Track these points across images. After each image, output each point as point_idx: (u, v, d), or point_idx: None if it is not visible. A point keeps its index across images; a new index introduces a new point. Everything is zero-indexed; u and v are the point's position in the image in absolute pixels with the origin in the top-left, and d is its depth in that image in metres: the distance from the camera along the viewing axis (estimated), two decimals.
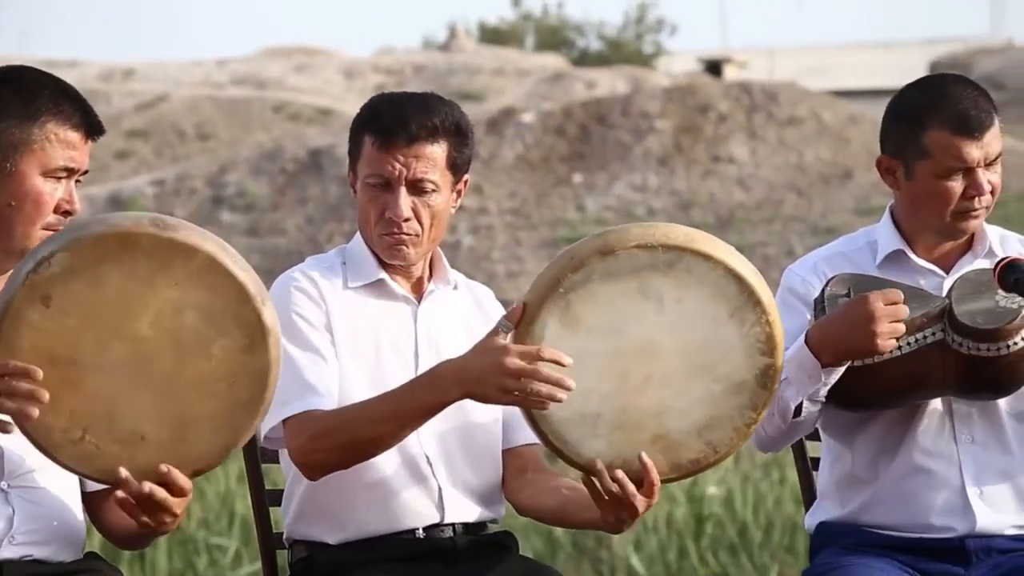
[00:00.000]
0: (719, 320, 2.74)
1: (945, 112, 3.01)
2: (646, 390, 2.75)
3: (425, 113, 2.96)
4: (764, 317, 2.74)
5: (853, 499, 3.12)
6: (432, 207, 2.99)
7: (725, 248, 2.75)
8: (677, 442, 2.78)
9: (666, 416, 2.77)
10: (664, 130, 19.72)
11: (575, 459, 2.79)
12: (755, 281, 2.75)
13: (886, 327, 2.89)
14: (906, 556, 3.06)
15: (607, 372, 2.74)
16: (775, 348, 2.76)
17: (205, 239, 2.56)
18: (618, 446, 2.77)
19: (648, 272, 2.71)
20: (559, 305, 2.71)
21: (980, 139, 3.02)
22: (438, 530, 3.00)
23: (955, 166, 3.02)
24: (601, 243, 2.71)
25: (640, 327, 2.73)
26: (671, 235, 2.72)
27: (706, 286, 2.72)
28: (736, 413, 2.78)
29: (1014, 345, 2.93)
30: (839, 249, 3.18)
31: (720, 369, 2.75)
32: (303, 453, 2.89)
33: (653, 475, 2.77)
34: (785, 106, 19.94)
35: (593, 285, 2.71)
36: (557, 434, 2.77)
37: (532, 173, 19.56)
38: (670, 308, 2.73)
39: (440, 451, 3.01)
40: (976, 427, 3.07)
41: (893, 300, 2.90)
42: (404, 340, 3.02)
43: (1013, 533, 3.07)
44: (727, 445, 2.79)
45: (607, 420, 2.76)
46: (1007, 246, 3.14)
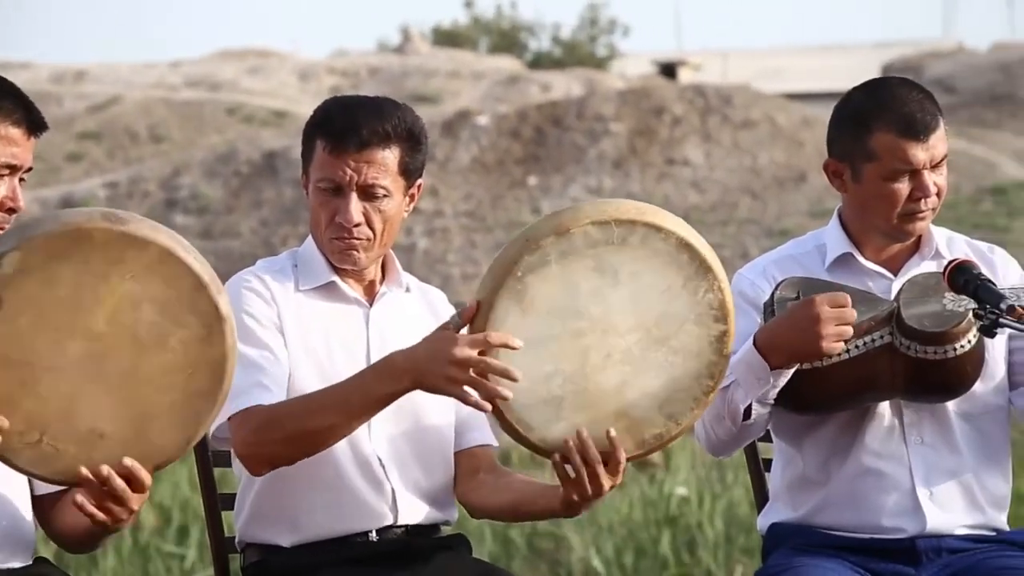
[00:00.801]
0: (673, 290, 2.76)
1: (891, 115, 3.03)
2: (606, 368, 2.76)
3: (377, 118, 2.96)
4: (716, 283, 2.77)
5: (805, 501, 3.13)
6: (384, 212, 2.99)
7: (675, 219, 2.78)
8: (640, 418, 2.80)
9: (628, 393, 2.78)
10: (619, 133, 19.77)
11: (540, 444, 2.79)
12: (705, 249, 2.77)
13: (832, 330, 2.91)
14: (857, 557, 3.08)
15: (567, 353, 2.75)
16: (727, 314, 2.78)
17: (157, 231, 2.55)
18: (582, 427, 2.77)
19: (603, 248, 2.73)
20: (516, 289, 2.72)
21: (926, 141, 3.04)
22: (391, 532, 3.00)
23: (901, 168, 3.04)
24: (555, 223, 2.72)
25: (597, 304, 2.74)
26: (623, 210, 2.74)
27: (659, 257, 2.75)
28: (695, 383, 2.80)
29: (960, 348, 2.95)
30: (788, 252, 3.20)
31: (677, 340, 2.77)
32: (247, 445, 2.87)
33: (620, 453, 2.77)
34: (739, 109, 20.03)
35: (549, 266, 2.72)
36: (521, 420, 2.77)
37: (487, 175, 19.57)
38: (625, 282, 2.74)
39: (393, 453, 3.00)
40: (925, 429, 3.09)
41: (840, 303, 2.92)
42: (356, 343, 3.02)
43: (963, 533, 3.10)
44: (688, 416, 2.81)
45: (570, 402, 2.77)
46: (954, 248, 3.16)
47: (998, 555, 3.08)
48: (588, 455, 2.76)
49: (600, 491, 2.79)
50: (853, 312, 2.93)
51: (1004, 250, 3.25)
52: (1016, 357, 3.13)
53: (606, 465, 2.77)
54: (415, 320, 3.06)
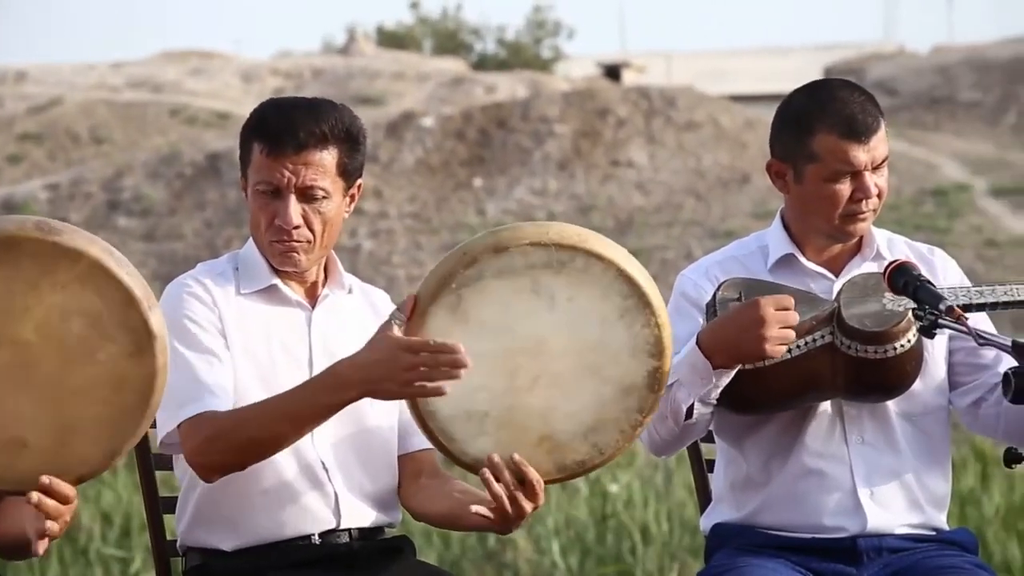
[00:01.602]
0: (609, 321, 2.75)
1: (833, 117, 3.05)
2: (535, 389, 2.76)
3: (314, 120, 2.94)
4: (653, 319, 2.76)
5: (747, 501, 3.15)
6: (323, 214, 2.98)
7: (617, 249, 2.77)
8: (563, 443, 2.79)
9: (553, 417, 2.78)
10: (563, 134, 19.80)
11: (461, 457, 2.80)
12: (645, 283, 2.76)
13: (776, 332, 2.92)
14: (799, 556, 3.09)
15: (496, 370, 2.74)
16: (663, 351, 2.77)
17: (91, 243, 2.53)
18: (504, 445, 2.77)
19: (541, 270, 2.72)
20: (450, 300, 2.71)
21: (867, 143, 3.06)
22: (334, 535, 2.99)
23: (843, 169, 3.06)
24: (494, 240, 2.72)
25: (531, 325, 2.74)
26: (564, 234, 2.73)
27: (598, 286, 2.74)
28: (623, 415, 2.79)
29: (900, 347, 2.98)
30: (731, 254, 3.21)
31: (609, 370, 2.77)
32: (198, 454, 2.86)
33: (531, 474, 2.78)
34: (683, 111, 20.10)
35: (485, 282, 2.71)
36: (444, 431, 2.77)
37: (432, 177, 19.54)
38: (561, 307, 2.74)
39: (336, 457, 3.00)
40: (866, 428, 3.11)
41: (784, 305, 2.94)
42: (298, 346, 3.01)
43: (903, 532, 3.11)
44: (613, 447, 2.80)
45: (494, 418, 2.77)
46: (894, 249, 3.18)
47: (938, 554, 3.10)
48: (502, 478, 2.77)
49: (521, 513, 2.79)
50: (796, 315, 2.95)
51: (943, 251, 3.27)
52: (956, 358, 3.15)
53: (523, 486, 2.78)
54: (358, 322, 3.05)
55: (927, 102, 22.29)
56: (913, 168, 18.49)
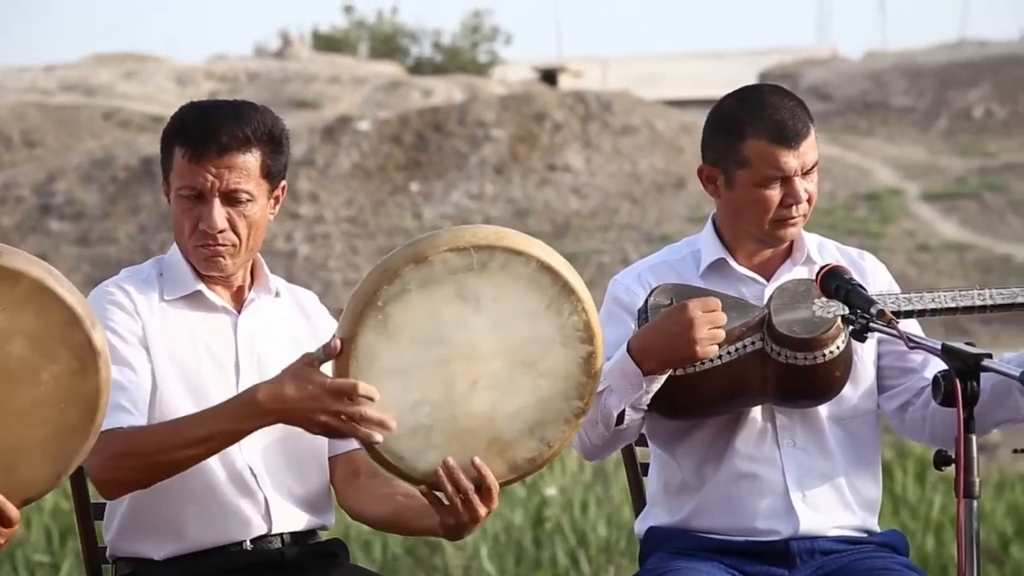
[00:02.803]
0: (537, 314, 2.75)
1: (763, 122, 3.06)
2: (474, 395, 2.75)
3: (236, 122, 2.92)
4: (579, 305, 2.77)
5: (681, 505, 3.16)
6: (248, 217, 2.96)
7: (534, 242, 2.77)
8: (511, 443, 2.79)
9: (497, 419, 2.77)
10: (500, 139, 19.82)
11: (412, 474, 2.79)
12: (566, 271, 2.77)
13: (705, 334, 2.93)
14: (732, 559, 3.11)
15: (434, 381, 2.74)
16: (593, 335, 2.78)
17: (30, 263, 2.51)
18: (454, 455, 2.77)
19: (463, 275, 2.72)
20: (377, 320, 2.70)
21: (797, 148, 3.07)
22: (266, 541, 2.97)
23: (773, 175, 3.08)
24: (413, 252, 2.71)
25: (461, 331, 2.73)
26: (481, 235, 2.73)
27: (521, 281, 2.74)
28: (565, 405, 2.80)
29: (830, 354, 3.00)
30: (663, 259, 3.22)
31: (544, 363, 2.77)
32: (104, 470, 2.82)
33: (490, 480, 2.77)
34: (619, 115, 20.17)
35: (410, 295, 2.70)
36: (391, 452, 2.76)
37: (368, 181, 19.50)
38: (488, 308, 2.73)
39: (265, 462, 2.98)
40: (798, 432, 3.13)
41: (711, 308, 2.95)
42: (224, 352, 2.98)
43: (835, 535, 3.13)
44: (560, 439, 2.81)
45: (440, 431, 2.76)
46: (824, 253, 3.20)
47: (869, 556, 3.13)
48: (459, 484, 2.76)
49: (476, 517, 2.79)
50: (724, 316, 2.96)
51: (874, 255, 3.30)
52: (884, 361, 3.18)
53: (479, 491, 2.77)
54: (286, 325, 3.04)
55: (860, 107, 22.48)
56: (847, 173, 18.63)
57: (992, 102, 21.84)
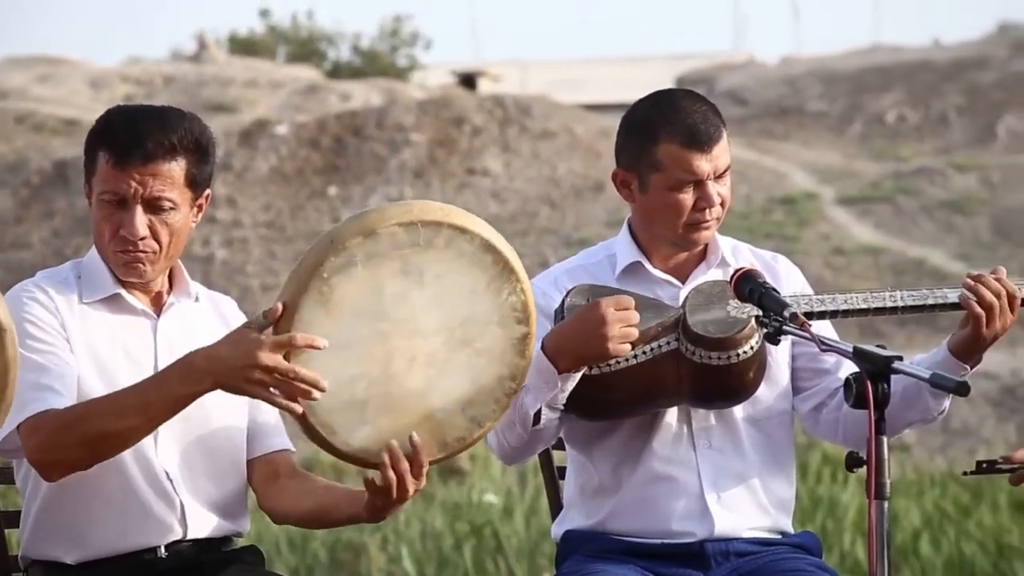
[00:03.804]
0: (477, 291, 2.76)
1: (676, 126, 3.09)
2: (411, 371, 2.75)
3: (162, 130, 2.91)
4: (518, 285, 2.78)
5: (598, 508, 3.17)
6: (170, 225, 2.94)
7: (479, 221, 2.79)
8: (443, 421, 2.79)
9: (432, 396, 2.77)
10: (419, 143, 19.80)
11: (344, 448, 2.76)
12: (508, 251, 2.79)
13: (617, 332, 2.95)
14: (648, 562, 3.13)
15: (373, 356, 2.73)
16: (530, 316, 2.80)
17: None
18: (386, 431, 2.76)
19: (408, 249, 2.72)
20: (321, 291, 2.69)
21: (709, 152, 3.10)
22: (181, 546, 2.95)
23: (686, 179, 3.10)
24: (361, 225, 2.70)
25: (403, 307, 2.73)
26: (428, 211, 2.74)
27: (464, 258, 2.75)
28: (497, 385, 2.80)
29: (744, 353, 3.03)
30: (580, 263, 3.24)
31: (480, 342, 2.78)
32: (41, 450, 2.80)
33: (423, 457, 2.77)
34: (538, 119, 20.22)
35: (355, 268, 2.69)
36: (325, 425, 2.74)
37: (287, 186, 19.40)
38: (431, 284, 2.74)
39: (181, 466, 2.96)
40: (713, 434, 3.15)
41: (624, 306, 2.97)
42: (143, 355, 2.97)
43: (750, 536, 3.16)
44: (490, 418, 2.81)
45: (374, 405, 2.75)
46: (739, 256, 3.23)
47: (784, 557, 3.15)
48: (399, 465, 2.76)
49: (405, 496, 2.79)
50: (637, 315, 2.98)
51: (790, 259, 3.33)
52: (798, 363, 3.21)
53: (411, 468, 2.77)
54: (205, 330, 3.02)
55: (776, 112, 22.67)
56: (763, 177, 18.79)
57: (905, 107, 22.12)
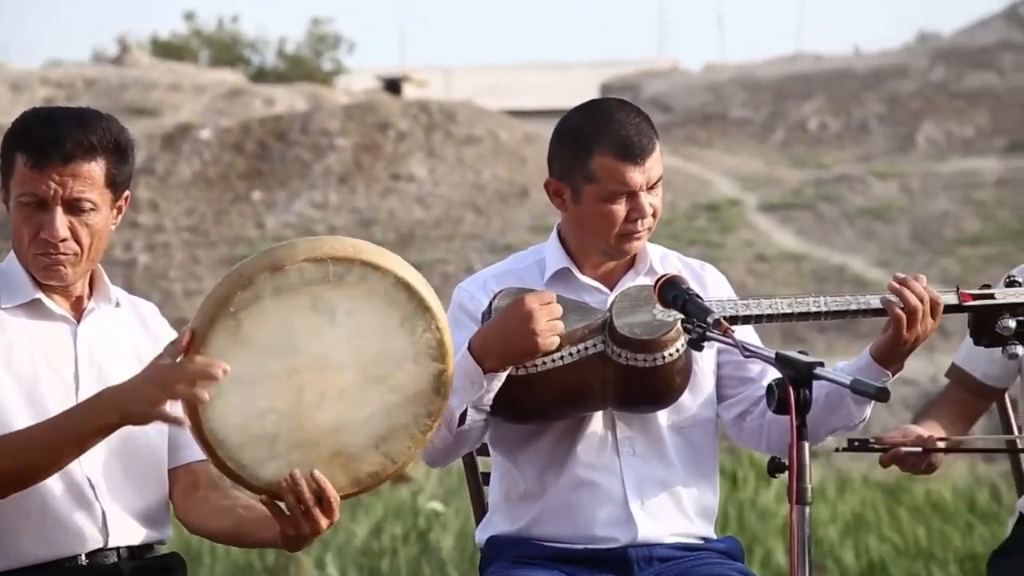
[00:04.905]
0: (390, 329, 2.76)
1: (610, 138, 3.10)
2: (322, 406, 2.74)
3: (81, 130, 2.89)
4: (433, 323, 2.78)
5: (522, 514, 3.18)
6: (91, 226, 2.92)
7: (392, 257, 2.77)
8: (355, 456, 2.79)
9: (344, 431, 2.77)
10: (344, 148, 19.75)
11: (253, 482, 2.77)
12: (423, 288, 2.78)
13: (544, 325, 2.96)
14: (572, 567, 3.14)
15: (282, 391, 2.72)
16: (446, 354, 2.79)
17: None
18: (296, 465, 2.76)
19: (319, 286, 2.71)
20: (229, 325, 2.68)
21: (643, 164, 3.11)
22: (102, 555, 2.94)
23: (619, 190, 3.11)
24: (269, 260, 2.70)
25: (313, 342, 2.72)
26: (339, 247, 2.72)
27: (376, 296, 2.74)
28: (412, 421, 2.80)
29: (669, 356, 3.05)
30: (508, 267, 3.24)
31: (394, 379, 2.77)
32: None
33: (329, 491, 2.76)
34: (463, 125, 20.23)
35: (263, 303, 2.69)
36: (233, 459, 2.74)
37: (210, 190, 19.29)
38: (342, 320, 2.73)
39: (103, 474, 2.94)
40: (637, 441, 3.17)
41: (547, 300, 2.98)
42: (63, 361, 2.94)
43: (672, 541, 3.18)
44: (405, 455, 2.81)
45: (284, 440, 2.74)
46: (667, 264, 3.25)
47: (706, 563, 3.17)
48: (301, 496, 2.75)
49: (317, 529, 2.78)
50: (560, 307, 2.99)
51: (715, 267, 3.35)
52: (723, 371, 3.23)
53: (320, 503, 2.76)
54: (126, 335, 3.01)
55: (700, 119, 22.82)
56: (687, 184, 18.90)
57: (827, 115, 22.33)
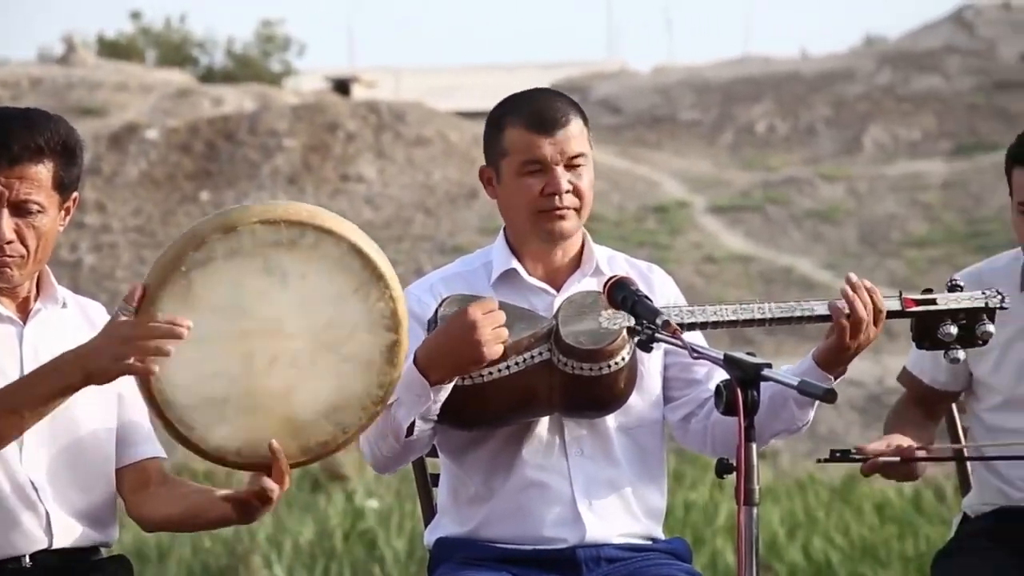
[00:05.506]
0: (344, 296, 2.73)
1: (520, 111, 3.13)
2: (272, 372, 2.72)
3: (28, 132, 2.87)
4: (388, 292, 2.75)
5: (471, 515, 3.18)
6: (38, 228, 2.91)
7: (348, 225, 2.76)
8: (306, 424, 2.76)
9: (294, 398, 2.74)
10: (292, 148, 19.69)
11: (202, 446, 2.74)
12: (377, 257, 2.76)
13: (489, 334, 2.96)
14: (520, 568, 3.14)
15: (232, 354, 2.70)
16: (399, 324, 2.77)
17: None
18: (246, 431, 2.73)
19: (271, 249, 2.69)
20: (180, 285, 2.66)
21: (552, 136, 3.12)
22: (46, 556, 2.92)
23: (529, 160, 3.12)
24: (223, 220, 2.67)
25: (265, 305, 2.70)
26: (293, 211, 2.71)
27: (330, 261, 2.72)
28: (364, 392, 2.78)
29: (615, 365, 3.05)
30: (456, 270, 3.24)
31: (347, 347, 2.75)
32: None
33: (283, 462, 2.76)
34: (412, 126, 20.21)
35: (216, 263, 2.66)
36: (182, 420, 2.71)
37: (157, 190, 19.19)
38: (295, 285, 2.70)
39: (48, 475, 2.93)
40: (585, 442, 3.17)
41: (490, 308, 2.98)
42: (9, 363, 2.93)
43: (620, 542, 3.18)
44: (356, 425, 2.79)
45: (234, 404, 2.72)
46: (614, 265, 3.25)
47: (654, 563, 3.18)
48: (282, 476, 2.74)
49: (269, 501, 2.76)
50: (503, 314, 2.99)
51: (663, 267, 3.37)
52: (670, 373, 3.24)
53: (270, 472, 2.75)
54: (72, 336, 2.99)
55: (649, 121, 22.89)
56: (636, 185, 18.95)
57: (775, 117, 22.45)
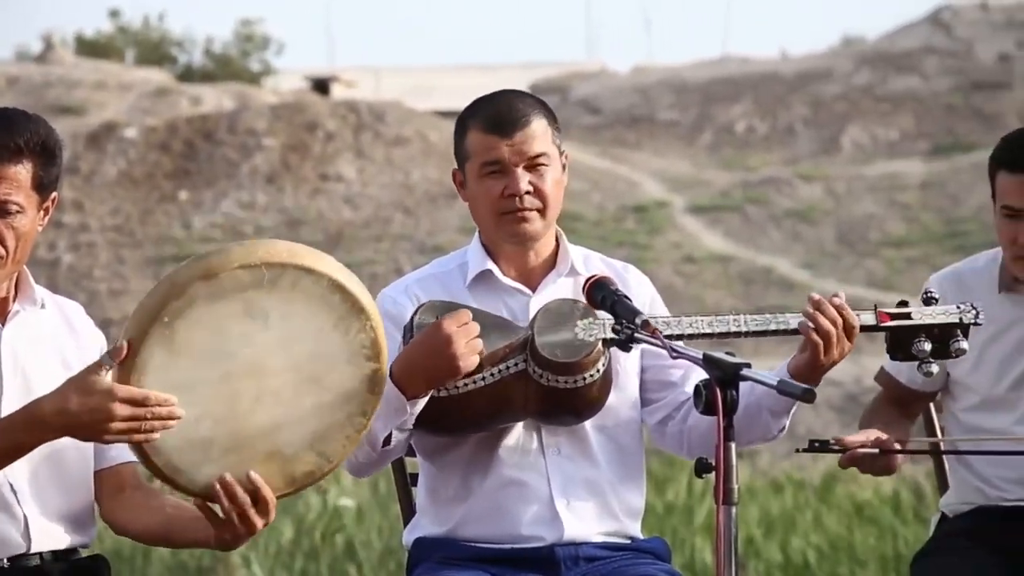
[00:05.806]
0: (324, 330, 2.76)
1: (480, 114, 3.14)
2: (257, 410, 2.74)
3: (7, 132, 2.87)
4: (368, 323, 2.78)
5: (449, 515, 3.18)
6: (17, 229, 2.91)
7: (327, 260, 2.78)
8: (291, 456, 2.79)
9: (279, 433, 2.77)
10: (272, 148, 19.66)
11: (189, 487, 2.77)
12: (357, 290, 2.78)
13: (464, 348, 2.96)
14: (498, 567, 3.14)
15: (217, 396, 2.72)
16: (379, 353, 2.80)
17: None
18: (231, 468, 2.76)
19: (252, 291, 2.71)
20: (163, 334, 2.67)
21: (510, 137, 3.12)
22: (25, 559, 2.92)
23: (487, 161, 3.12)
24: (203, 267, 2.69)
25: (248, 347, 2.72)
26: (273, 252, 2.72)
27: (311, 299, 2.74)
28: (347, 421, 2.81)
29: (590, 377, 3.05)
30: (432, 272, 3.24)
31: (329, 380, 2.77)
32: None
33: (265, 492, 2.77)
34: (392, 125, 20.19)
35: (197, 310, 2.68)
36: (169, 464, 2.73)
37: (135, 189, 19.14)
38: (276, 324, 2.73)
39: (27, 479, 2.92)
40: (563, 441, 3.18)
41: (464, 320, 2.98)
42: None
43: (598, 541, 3.19)
44: (340, 454, 2.82)
45: (219, 444, 2.75)
46: (590, 265, 3.26)
47: (633, 563, 3.19)
48: (235, 498, 2.75)
49: (252, 530, 2.79)
50: (477, 326, 2.99)
51: (642, 267, 3.36)
52: (647, 375, 3.24)
53: (256, 504, 2.76)
54: (51, 337, 2.99)
55: (628, 121, 22.91)
56: (615, 185, 18.97)
57: (754, 117, 22.49)
